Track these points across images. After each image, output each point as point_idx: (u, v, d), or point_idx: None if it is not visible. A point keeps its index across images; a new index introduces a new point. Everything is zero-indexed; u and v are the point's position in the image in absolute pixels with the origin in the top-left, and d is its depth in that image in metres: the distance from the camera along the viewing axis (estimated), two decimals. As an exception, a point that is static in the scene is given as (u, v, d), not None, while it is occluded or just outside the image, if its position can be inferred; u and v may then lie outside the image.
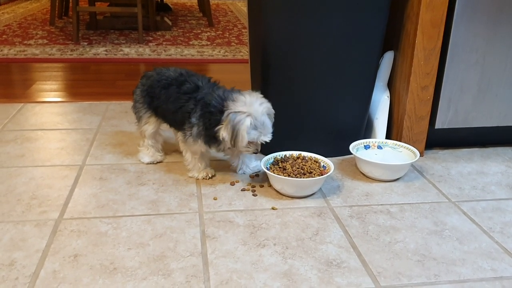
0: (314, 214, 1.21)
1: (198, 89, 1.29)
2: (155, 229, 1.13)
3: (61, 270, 0.98)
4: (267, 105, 1.26)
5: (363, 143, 1.49)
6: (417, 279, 0.99)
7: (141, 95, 1.40)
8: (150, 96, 1.38)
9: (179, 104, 1.30)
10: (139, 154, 1.47)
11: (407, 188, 1.36)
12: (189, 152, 1.35)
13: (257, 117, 1.22)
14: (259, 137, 1.24)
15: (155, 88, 1.37)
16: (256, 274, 0.99)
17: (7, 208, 1.19)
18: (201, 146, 1.31)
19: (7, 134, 1.65)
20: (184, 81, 1.32)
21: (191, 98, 1.28)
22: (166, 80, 1.35)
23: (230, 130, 1.21)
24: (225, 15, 4.49)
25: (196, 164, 1.36)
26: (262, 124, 1.23)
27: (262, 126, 1.23)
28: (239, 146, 1.23)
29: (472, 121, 1.53)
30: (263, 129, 1.23)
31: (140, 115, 1.42)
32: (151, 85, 1.38)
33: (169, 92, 1.33)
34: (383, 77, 1.58)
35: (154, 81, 1.37)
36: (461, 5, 1.38)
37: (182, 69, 1.38)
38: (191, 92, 1.29)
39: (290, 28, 1.36)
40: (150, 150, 1.45)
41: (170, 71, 1.38)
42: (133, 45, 3.09)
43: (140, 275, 0.97)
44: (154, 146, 1.46)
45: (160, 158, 1.47)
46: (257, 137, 1.24)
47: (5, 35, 3.31)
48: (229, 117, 1.21)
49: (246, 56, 2.88)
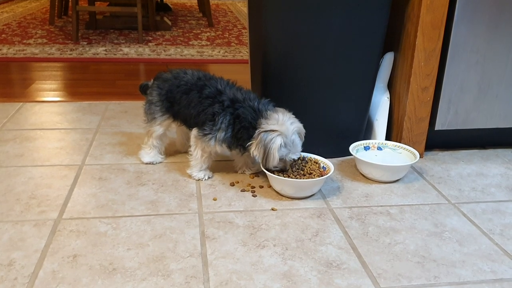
0: (314, 215, 1.21)
1: (220, 92, 1.30)
2: (155, 230, 1.12)
3: (60, 270, 0.98)
4: (298, 124, 1.28)
5: (363, 144, 1.49)
6: (417, 281, 0.99)
7: (159, 98, 1.39)
8: (170, 101, 1.38)
9: (201, 107, 1.30)
10: (140, 152, 1.47)
11: (407, 189, 1.36)
12: (199, 149, 1.35)
13: (288, 136, 1.24)
14: (287, 155, 1.26)
15: (174, 94, 1.36)
16: (256, 275, 0.98)
17: (6, 208, 1.19)
18: (219, 148, 1.32)
19: (6, 133, 1.64)
20: (204, 85, 1.33)
21: (215, 102, 1.29)
22: (186, 85, 1.35)
23: (262, 150, 1.24)
24: (225, 16, 4.49)
25: (199, 163, 1.36)
26: (292, 143, 1.25)
27: (292, 145, 1.25)
28: (270, 164, 1.25)
29: (472, 123, 1.53)
30: (292, 148, 1.26)
31: (154, 117, 1.41)
32: (169, 89, 1.38)
33: (190, 97, 1.33)
34: (383, 78, 1.58)
35: (173, 86, 1.37)
36: (461, 6, 1.38)
37: (200, 72, 1.39)
38: (213, 96, 1.30)
39: (290, 28, 1.36)
40: (153, 150, 1.45)
41: (188, 75, 1.38)
42: (133, 45, 3.09)
43: (140, 275, 0.97)
44: (158, 147, 1.46)
45: (160, 160, 1.47)
46: (286, 154, 1.26)
47: (4, 34, 3.30)
48: (260, 136, 1.23)
49: (246, 56, 2.88)
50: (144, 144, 1.46)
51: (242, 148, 1.30)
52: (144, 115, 1.44)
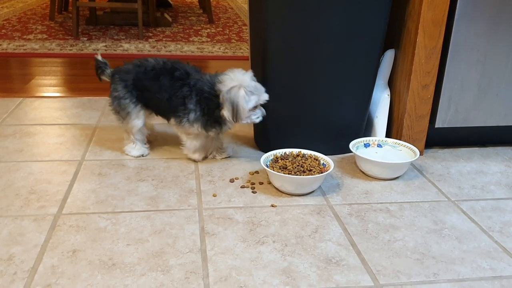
0: (314, 212, 1.21)
1: (189, 75, 1.34)
2: (154, 225, 1.12)
3: (59, 265, 0.98)
4: (250, 72, 1.33)
5: (363, 141, 1.49)
6: (416, 278, 0.99)
7: (126, 90, 1.39)
8: (139, 90, 1.39)
9: (173, 90, 1.34)
10: (125, 148, 1.47)
11: (406, 186, 1.36)
12: (183, 134, 1.40)
13: (248, 85, 1.29)
14: (259, 99, 1.31)
15: (143, 81, 1.38)
16: (255, 271, 0.98)
17: (6, 203, 1.19)
18: (197, 130, 1.36)
19: (6, 128, 1.64)
20: (173, 68, 1.36)
21: (185, 84, 1.34)
22: (154, 70, 1.37)
23: (230, 107, 1.28)
24: (225, 12, 4.48)
25: (192, 143, 1.41)
26: (254, 87, 1.30)
27: (256, 89, 1.30)
28: (242, 117, 1.30)
29: (472, 120, 1.53)
30: (257, 91, 1.31)
31: (127, 111, 1.41)
32: (136, 78, 1.39)
33: (162, 81, 1.35)
34: (384, 76, 1.58)
35: (139, 74, 1.38)
36: (462, 4, 1.38)
37: (161, 58, 1.41)
38: (184, 78, 1.34)
39: (290, 25, 1.36)
40: (137, 143, 1.46)
41: (151, 61, 1.40)
42: (133, 41, 3.08)
43: (139, 271, 0.97)
44: (140, 140, 1.47)
45: (147, 151, 1.49)
46: (257, 100, 1.31)
47: (5, 29, 3.29)
48: (224, 97, 1.28)
49: (246, 53, 2.88)
50: (125, 139, 1.47)
51: (218, 125, 1.34)
52: (115, 115, 1.44)
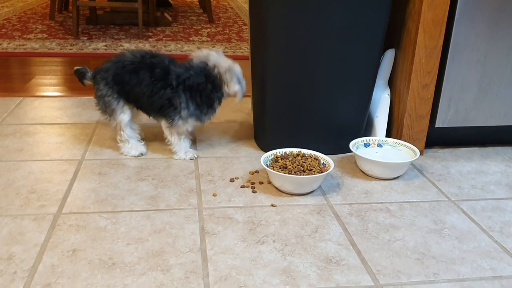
0: (314, 212, 1.21)
1: (167, 72, 1.37)
2: (154, 225, 1.12)
3: (59, 265, 0.98)
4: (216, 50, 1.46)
5: (363, 141, 1.49)
6: (416, 278, 0.99)
7: (107, 87, 1.41)
8: (119, 84, 1.40)
9: (154, 89, 1.38)
10: (123, 150, 1.47)
11: (406, 186, 1.36)
12: (176, 135, 1.44)
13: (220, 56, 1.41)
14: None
15: (122, 75, 1.40)
16: (255, 270, 0.98)
17: (6, 202, 1.19)
18: (189, 125, 1.43)
19: (6, 128, 1.64)
20: (152, 64, 1.38)
21: (167, 85, 1.37)
22: (132, 64, 1.40)
23: (236, 80, 1.38)
24: (225, 12, 4.48)
25: (181, 145, 1.45)
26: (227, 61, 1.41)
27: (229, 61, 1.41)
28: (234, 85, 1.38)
29: (472, 120, 1.53)
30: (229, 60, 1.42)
31: (112, 108, 1.42)
32: (115, 73, 1.40)
33: (140, 76, 1.38)
34: (384, 75, 1.58)
35: (118, 69, 1.40)
36: (462, 3, 1.38)
37: (140, 51, 1.45)
38: (163, 79, 1.37)
39: (291, 25, 1.36)
40: (132, 142, 1.47)
41: (129, 55, 1.42)
42: (133, 41, 3.08)
43: (139, 270, 0.97)
44: (133, 137, 1.48)
45: (145, 150, 1.49)
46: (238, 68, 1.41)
47: (5, 29, 3.29)
48: (227, 74, 1.37)
49: (246, 52, 2.88)
50: (119, 141, 1.47)
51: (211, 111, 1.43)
52: (103, 114, 1.46)
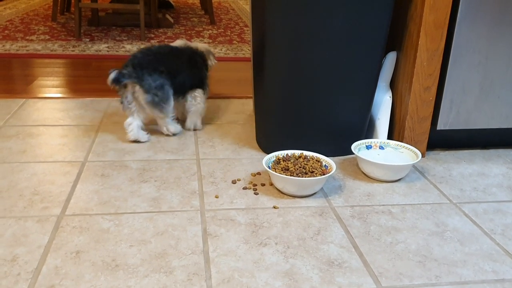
0: (316, 214, 1.21)
1: (196, 55, 1.69)
2: (157, 227, 1.13)
3: (63, 266, 0.98)
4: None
5: (365, 143, 1.49)
6: (418, 280, 0.99)
7: (161, 76, 1.56)
8: (169, 72, 1.57)
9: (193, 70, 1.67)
10: (168, 127, 1.63)
11: (408, 188, 1.36)
12: (202, 104, 1.69)
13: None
14: None
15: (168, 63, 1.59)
16: (258, 273, 0.99)
17: (9, 204, 1.20)
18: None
19: (9, 129, 1.65)
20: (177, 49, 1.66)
21: (198, 64, 1.69)
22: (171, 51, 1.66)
23: (213, 57, 1.76)
24: (227, 13, 4.49)
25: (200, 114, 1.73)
26: None
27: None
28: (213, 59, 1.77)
29: (474, 123, 1.53)
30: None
31: (170, 94, 1.57)
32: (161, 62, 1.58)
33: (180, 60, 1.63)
34: (386, 78, 1.58)
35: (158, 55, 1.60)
36: (464, 6, 1.38)
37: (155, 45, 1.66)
38: (195, 60, 1.69)
39: (293, 27, 1.36)
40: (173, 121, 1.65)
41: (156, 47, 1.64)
42: (135, 42, 3.09)
43: (142, 272, 0.97)
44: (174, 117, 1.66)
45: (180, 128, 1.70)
46: None
47: (7, 30, 3.30)
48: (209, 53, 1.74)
49: (247, 54, 2.88)
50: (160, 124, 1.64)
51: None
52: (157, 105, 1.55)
